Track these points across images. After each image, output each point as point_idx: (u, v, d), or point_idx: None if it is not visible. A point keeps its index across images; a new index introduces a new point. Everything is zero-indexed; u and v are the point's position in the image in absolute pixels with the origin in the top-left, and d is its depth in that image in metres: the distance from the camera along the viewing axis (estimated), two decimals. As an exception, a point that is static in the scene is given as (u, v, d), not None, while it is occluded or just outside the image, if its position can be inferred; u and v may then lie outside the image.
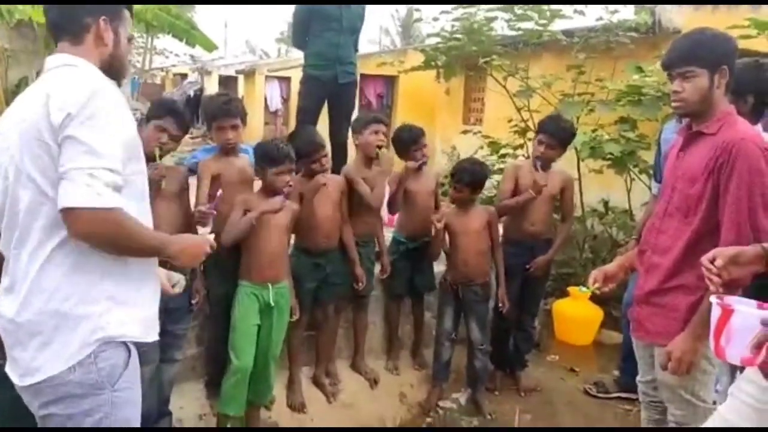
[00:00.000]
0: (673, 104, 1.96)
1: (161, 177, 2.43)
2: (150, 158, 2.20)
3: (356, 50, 4.23)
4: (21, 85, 8.20)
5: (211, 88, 19.65)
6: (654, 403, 2.26)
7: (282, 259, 2.82)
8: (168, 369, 2.67)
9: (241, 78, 16.24)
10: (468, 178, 3.17)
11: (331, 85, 4.00)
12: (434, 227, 3.12)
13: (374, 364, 3.52)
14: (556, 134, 3.23)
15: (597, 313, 4.24)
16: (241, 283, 2.72)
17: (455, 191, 3.22)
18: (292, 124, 4.30)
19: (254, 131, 12.28)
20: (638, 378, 2.32)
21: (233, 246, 2.67)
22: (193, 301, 2.68)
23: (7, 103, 7.41)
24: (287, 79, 14.02)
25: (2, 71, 7.77)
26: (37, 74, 7.51)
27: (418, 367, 3.61)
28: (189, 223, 2.61)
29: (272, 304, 2.70)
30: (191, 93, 19.76)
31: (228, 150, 2.80)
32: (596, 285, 2.16)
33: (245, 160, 2.88)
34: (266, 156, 2.67)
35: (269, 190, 2.70)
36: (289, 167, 2.68)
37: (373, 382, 3.38)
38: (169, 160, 2.70)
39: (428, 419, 3.24)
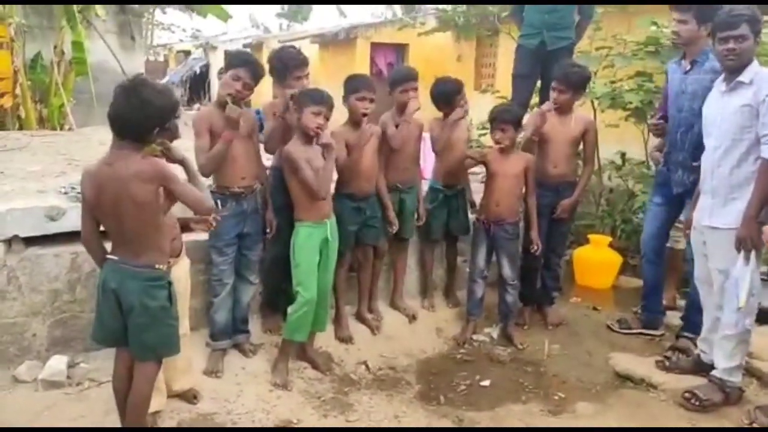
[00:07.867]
0: None
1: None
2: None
3: (588, 17, 4.30)
4: (36, 59, 8.34)
5: (217, 63, 19.65)
6: None
7: (330, 196, 3.06)
8: (245, 289, 3.01)
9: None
10: (510, 116, 3.40)
11: (540, 52, 4.12)
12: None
13: (410, 303, 3.76)
14: (564, 78, 3.46)
15: (617, 258, 4.44)
16: (302, 223, 2.91)
17: (502, 132, 3.39)
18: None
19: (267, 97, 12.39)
20: None
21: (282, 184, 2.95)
22: (268, 230, 3.04)
23: (26, 78, 7.58)
24: (296, 51, 14.06)
25: (19, 47, 7.88)
26: (54, 48, 7.52)
27: (452, 306, 3.84)
28: (258, 159, 3.03)
29: (330, 238, 2.94)
30: (197, 69, 19.82)
31: None
32: None
33: None
34: (308, 96, 2.85)
35: (305, 135, 2.86)
36: (324, 110, 2.84)
37: (412, 318, 3.62)
38: None
39: (462, 350, 3.48)
